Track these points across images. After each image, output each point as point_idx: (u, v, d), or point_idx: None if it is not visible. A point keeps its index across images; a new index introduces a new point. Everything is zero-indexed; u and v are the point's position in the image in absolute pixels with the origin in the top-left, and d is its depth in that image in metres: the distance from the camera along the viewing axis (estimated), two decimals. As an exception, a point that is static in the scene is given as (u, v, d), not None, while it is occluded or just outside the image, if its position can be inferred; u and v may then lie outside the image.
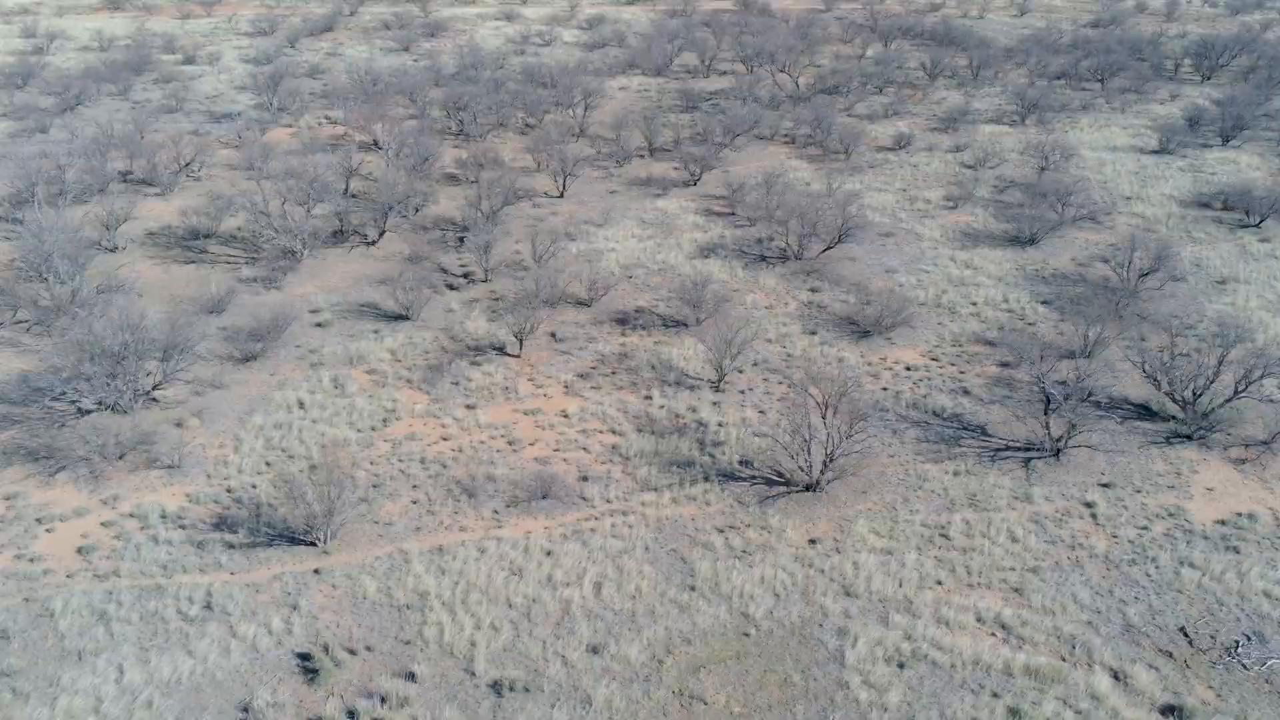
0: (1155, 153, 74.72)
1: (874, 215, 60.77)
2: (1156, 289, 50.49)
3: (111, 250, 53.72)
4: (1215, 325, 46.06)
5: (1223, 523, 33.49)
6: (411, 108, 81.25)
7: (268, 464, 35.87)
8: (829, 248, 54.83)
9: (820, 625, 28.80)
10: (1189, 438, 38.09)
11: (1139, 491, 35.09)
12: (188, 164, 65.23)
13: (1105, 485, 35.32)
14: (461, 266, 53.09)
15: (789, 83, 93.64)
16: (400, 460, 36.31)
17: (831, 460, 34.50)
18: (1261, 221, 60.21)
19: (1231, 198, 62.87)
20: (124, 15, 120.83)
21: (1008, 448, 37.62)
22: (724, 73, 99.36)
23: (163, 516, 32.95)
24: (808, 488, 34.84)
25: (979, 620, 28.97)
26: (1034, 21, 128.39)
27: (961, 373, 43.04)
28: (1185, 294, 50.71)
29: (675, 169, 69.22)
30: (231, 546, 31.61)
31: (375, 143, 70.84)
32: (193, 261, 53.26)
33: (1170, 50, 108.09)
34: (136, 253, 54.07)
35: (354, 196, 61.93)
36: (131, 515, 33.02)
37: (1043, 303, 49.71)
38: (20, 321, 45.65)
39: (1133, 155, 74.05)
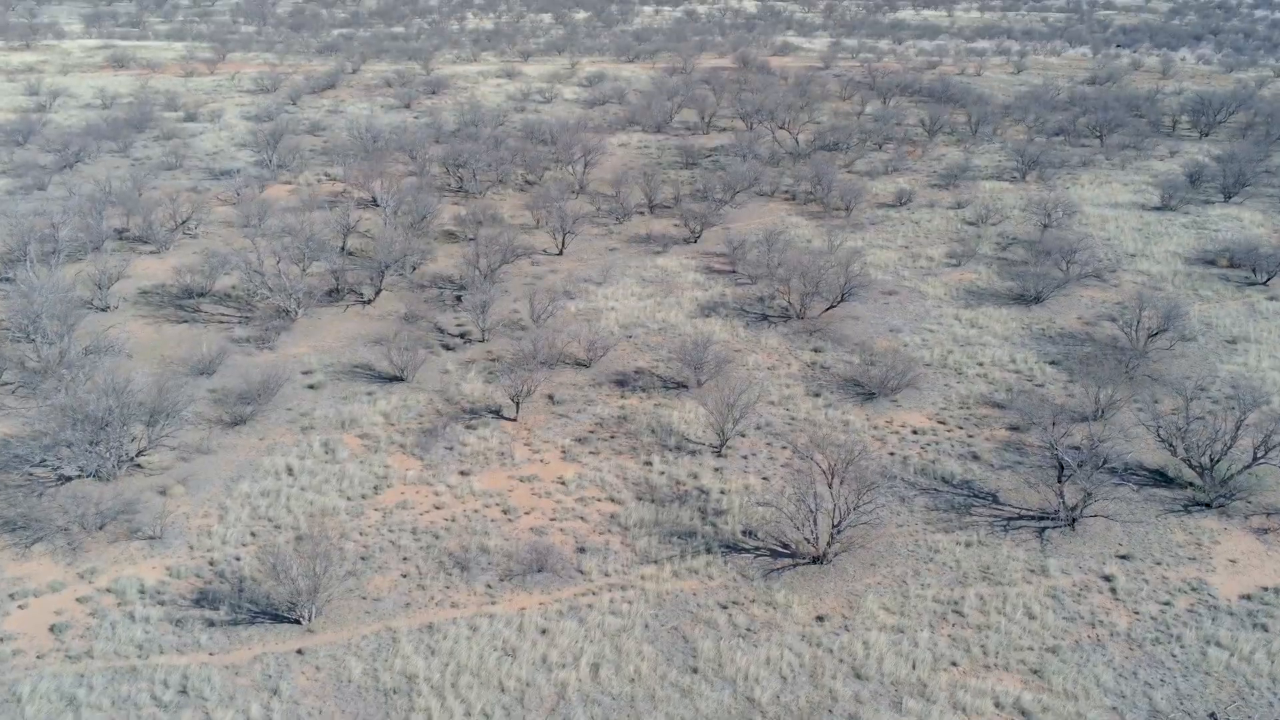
0: (1157, 209, 74.38)
1: (876, 273, 60.08)
2: (1166, 349, 49.52)
3: (103, 309, 52.87)
4: (1229, 387, 45.09)
5: (1248, 598, 32.06)
6: (411, 164, 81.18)
7: (253, 534, 34.54)
8: (832, 306, 54.01)
9: (830, 711, 27.27)
10: (1208, 505, 36.80)
11: (1159, 564, 33.71)
12: (184, 221, 64.76)
13: (1124, 557, 33.96)
14: (458, 326, 52.21)
15: (789, 139, 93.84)
16: (391, 530, 34.98)
17: (839, 531, 33.19)
18: (1269, 279, 59.50)
19: (1237, 255, 62.24)
20: (128, 73, 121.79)
21: (1020, 516, 36.30)
22: (724, 129, 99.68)
23: (141, 591, 31.54)
24: (814, 560, 33.46)
25: (998, 705, 27.44)
26: (1031, 79, 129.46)
27: (970, 436, 41.87)
28: (1196, 354, 49.72)
29: (675, 226, 68.77)
30: (211, 624, 30.17)
31: (374, 200, 70.50)
32: (185, 321, 52.37)
33: (1167, 107, 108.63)
34: (129, 312, 53.21)
35: (351, 254, 61.36)
36: (109, 590, 31.62)
37: (1050, 363, 48.71)
38: (5, 384, 44.59)
39: (1135, 212, 73.69)
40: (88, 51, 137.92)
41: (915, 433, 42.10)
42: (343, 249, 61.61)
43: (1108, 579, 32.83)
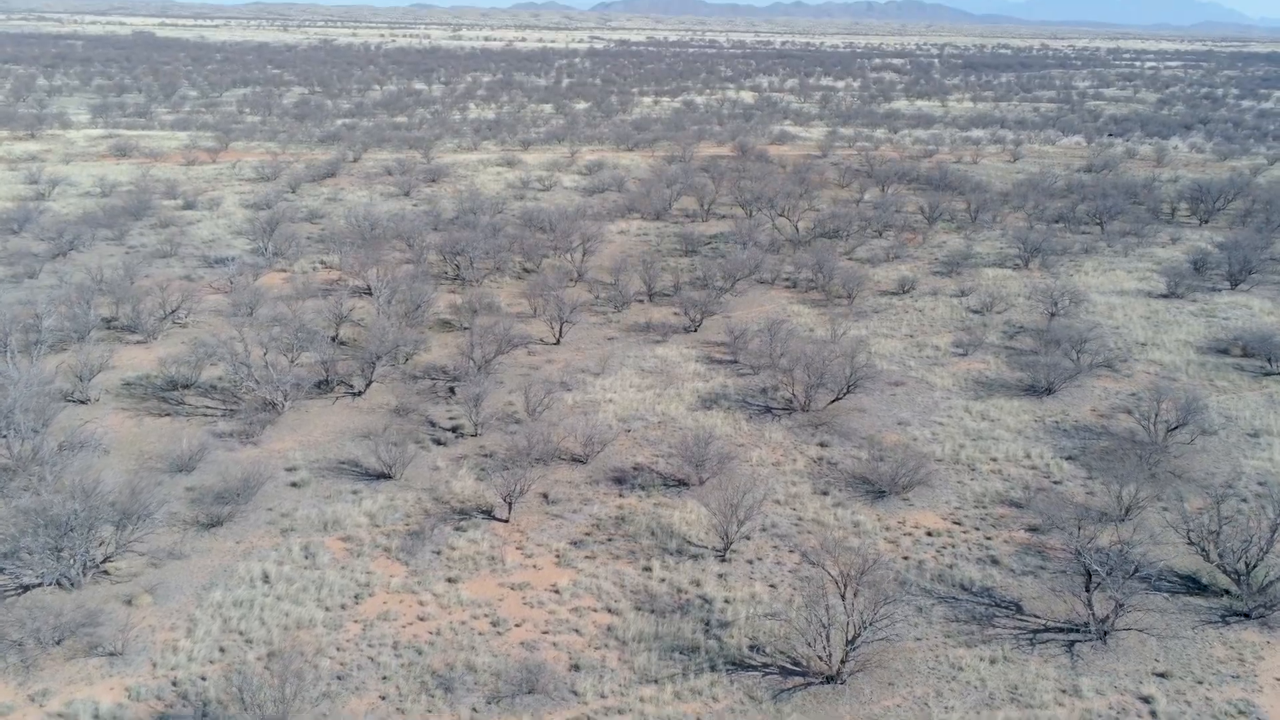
0: (1164, 297, 73.35)
1: (882, 363, 58.51)
2: (1187, 443, 47.54)
3: (83, 402, 51.05)
4: (1256, 484, 43.04)
5: (1301, 722, 29.48)
6: (408, 252, 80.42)
7: (222, 650, 32.01)
8: (837, 398, 52.21)
9: None
10: (1247, 615, 34.38)
11: (1200, 683, 31.16)
12: (174, 310, 63.42)
13: (1162, 675, 31.42)
14: (451, 419, 50.32)
15: (788, 227, 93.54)
16: (370, 645, 32.46)
17: (853, 647, 30.74)
18: (1286, 369, 57.95)
19: (1250, 344, 60.80)
20: (130, 161, 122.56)
21: (1047, 629, 33.83)
22: (723, 217, 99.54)
23: (95, 717, 28.88)
24: (827, 679, 30.92)
25: None
26: (1028, 166, 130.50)
27: (988, 539, 39.61)
28: (1218, 448, 47.73)
29: (675, 314, 67.53)
30: (169, 756, 27.54)
31: (368, 288, 69.39)
32: (168, 414, 50.48)
33: (1165, 194, 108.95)
34: (110, 404, 51.36)
35: (343, 344, 59.85)
36: (60, 715, 28.98)
37: (1067, 458, 46.68)
38: (-27, 482, 42.47)
39: (1142, 299, 72.60)
40: (91, 141, 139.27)
41: (930, 534, 39.85)
42: (334, 339, 60.13)
43: (1146, 700, 30.27)
